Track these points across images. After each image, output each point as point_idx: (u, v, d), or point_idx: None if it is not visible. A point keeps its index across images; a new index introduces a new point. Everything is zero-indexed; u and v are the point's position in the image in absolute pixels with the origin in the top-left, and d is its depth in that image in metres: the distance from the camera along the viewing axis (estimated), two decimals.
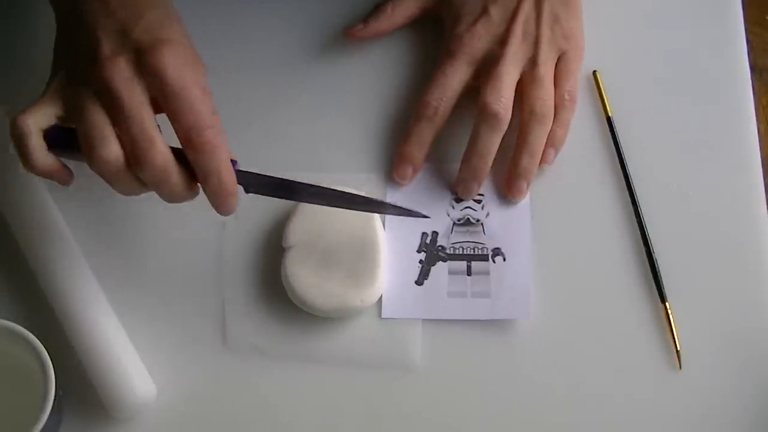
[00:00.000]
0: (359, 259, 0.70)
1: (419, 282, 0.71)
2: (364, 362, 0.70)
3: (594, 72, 0.77)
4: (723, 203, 0.73)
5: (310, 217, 0.71)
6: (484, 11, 0.74)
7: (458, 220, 0.73)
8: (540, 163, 0.73)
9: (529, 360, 0.70)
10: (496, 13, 0.74)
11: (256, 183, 0.66)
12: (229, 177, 0.63)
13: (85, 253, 0.71)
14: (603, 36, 0.78)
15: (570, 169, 0.75)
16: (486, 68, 0.73)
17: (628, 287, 0.71)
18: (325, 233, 0.70)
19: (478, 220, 0.73)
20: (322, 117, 0.76)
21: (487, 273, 0.72)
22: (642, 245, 0.72)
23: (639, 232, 0.72)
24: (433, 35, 0.78)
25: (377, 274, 0.70)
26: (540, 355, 0.70)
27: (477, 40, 0.73)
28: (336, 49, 0.78)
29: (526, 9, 0.74)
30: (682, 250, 0.72)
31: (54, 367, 0.62)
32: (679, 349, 0.69)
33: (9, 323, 0.64)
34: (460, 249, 0.72)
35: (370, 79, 0.78)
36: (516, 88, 0.73)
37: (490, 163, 0.72)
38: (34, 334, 0.63)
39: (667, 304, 0.70)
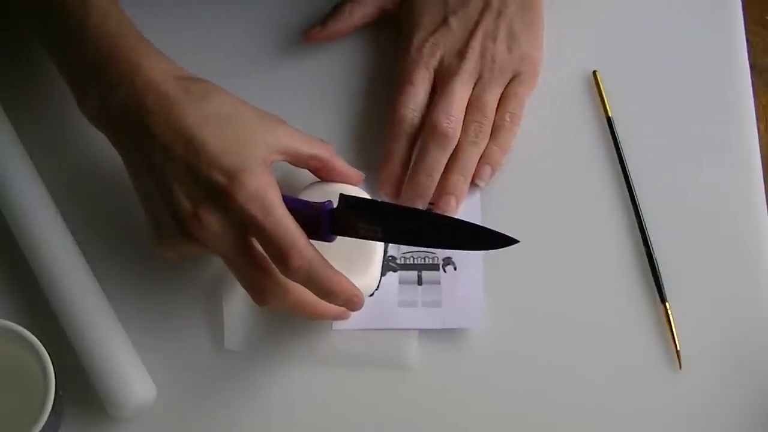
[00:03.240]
0: (353, 249, 0.69)
1: (370, 293, 0.71)
2: (362, 364, 0.70)
3: (594, 72, 0.77)
4: (723, 203, 0.73)
5: None
6: (444, 21, 0.74)
7: None
8: (476, 180, 0.73)
9: (529, 360, 0.70)
10: (456, 25, 0.74)
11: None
12: (336, 284, 0.63)
13: (85, 254, 0.71)
14: (603, 36, 0.78)
15: (570, 169, 0.75)
16: (441, 81, 0.73)
17: (628, 287, 0.71)
18: None
19: None
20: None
21: (437, 282, 0.71)
22: (642, 245, 0.72)
23: (639, 232, 0.72)
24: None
25: (372, 263, 0.69)
26: (540, 355, 0.70)
27: (436, 50, 0.73)
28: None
29: (485, 24, 0.73)
30: (682, 250, 0.72)
31: (54, 367, 0.62)
32: (679, 349, 0.69)
33: (9, 323, 0.64)
34: (411, 259, 0.72)
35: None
36: None
37: (436, 181, 0.72)
38: (34, 334, 0.63)
39: (667, 304, 0.70)
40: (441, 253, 0.72)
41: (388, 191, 0.73)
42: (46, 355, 0.63)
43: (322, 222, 0.65)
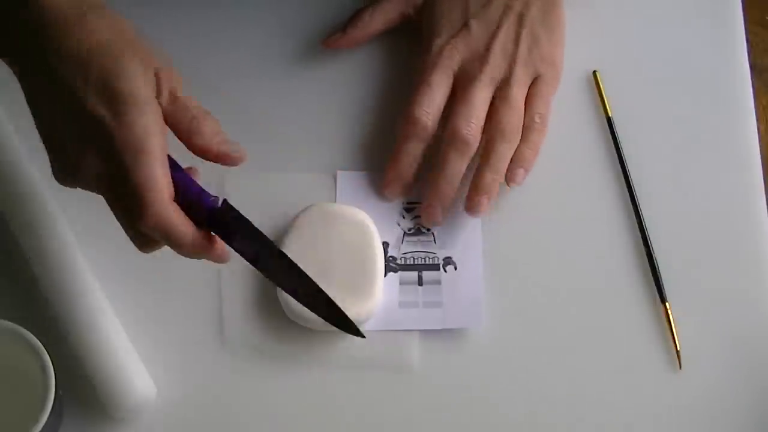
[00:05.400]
0: (356, 273, 0.69)
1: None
2: (361, 365, 0.70)
3: (594, 72, 0.77)
4: (723, 203, 0.74)
5: (306, 231, 0.70)
6: (465, 25, 0.74)
7: (409, 230, 0.73)
8: (509, 182, 0.72)
9: (530, 360, 0.70)
10: (477, 29, 0.73)
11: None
12: (196, 245, 0.60)
13: (85, 254, 0.71)
14: (603, 36, 0.78)
15: (570, 169, 0.75)
16: (461, 86, 0.73)
17: (628, 287, 0.71)
18: (321, 248, 0.70)
19: (428, 230, 0.73)
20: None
21: (438, 282, 0.71)
22: (642, 245, 0.72)
23: (639, 232, 0.72)
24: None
25: (374, 287, 0.69)
26: (541, 355, 0.70)
27: (456, 54, 0.73)
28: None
29: (507, 27, 0.73)
30: (682, 250, 0.72)
31: (54, 367, 0.62)
32: (679, 349, 0.69)
33: (9, 323, 0.64)
34: (411, 259, 0.72)
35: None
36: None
37: (456, 188, 0.72)
38: (34, 334, 0.63)
39: (667, 304, 0.70)
40: (441, 253, 0.72)
41: (393, 191, 0.73)
42: (46, 355, 0.63)
43: (201, 212, 0.61)
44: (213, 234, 0.61)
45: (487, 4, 0.74)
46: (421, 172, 0.73)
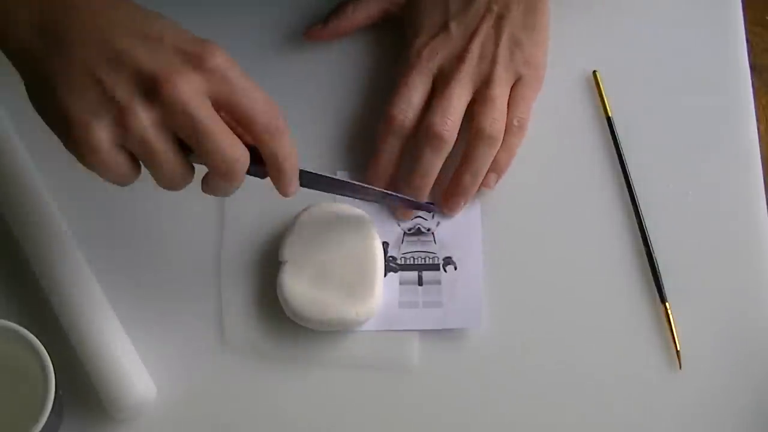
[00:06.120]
0: (356, 273, 0.69)
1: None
2: (361, 365, 0.70)
3: (594, 72, 0.77)
4: (723, 203, 0.74)
5: (306, 231, 0.70)
6: (444, 27, 0.74)
7: (409, 230, 0.73)
8: (481, 184, 0.73)
9: (530, 360, 0.70)
10: (456, 30, 0.73)
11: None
12: (296, 155, 0.62)
13: (85, 254, 0.71)
14: (603, 36, 0.78)
15: (570, 169, 0.75)
16: (439, 85, 0.73)
17: (628, 287, 0.71)
18: (321, 248, 0.70)
19: (428, 230, 0.73)
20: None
21: (438, 282, 0.71)
22: (642, 245, 0.72)
23: (639, 232, 0.72)
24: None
25: (374, 287, 0.69)
26: (540, 355, 0.70)
27: (435, 55, 0.73)
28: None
29: (486, 29, 0.73)
30: (682, 250, 0.72)
31: (54, 367, 0.62)
32: (679, 349, 0.69)
33: (9, 323, 0.64)
34: (411, 259, 0.72)
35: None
36: (468, 107, 0.72)
37: (431, 184, 0.72)
38: (34, 334, 0.63)
39: (667, 304, 0.70)
40: (441, 253, 0.72)
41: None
42: (46, 355, 0.63)
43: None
44: None
45: (467, 6, 0.74)
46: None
